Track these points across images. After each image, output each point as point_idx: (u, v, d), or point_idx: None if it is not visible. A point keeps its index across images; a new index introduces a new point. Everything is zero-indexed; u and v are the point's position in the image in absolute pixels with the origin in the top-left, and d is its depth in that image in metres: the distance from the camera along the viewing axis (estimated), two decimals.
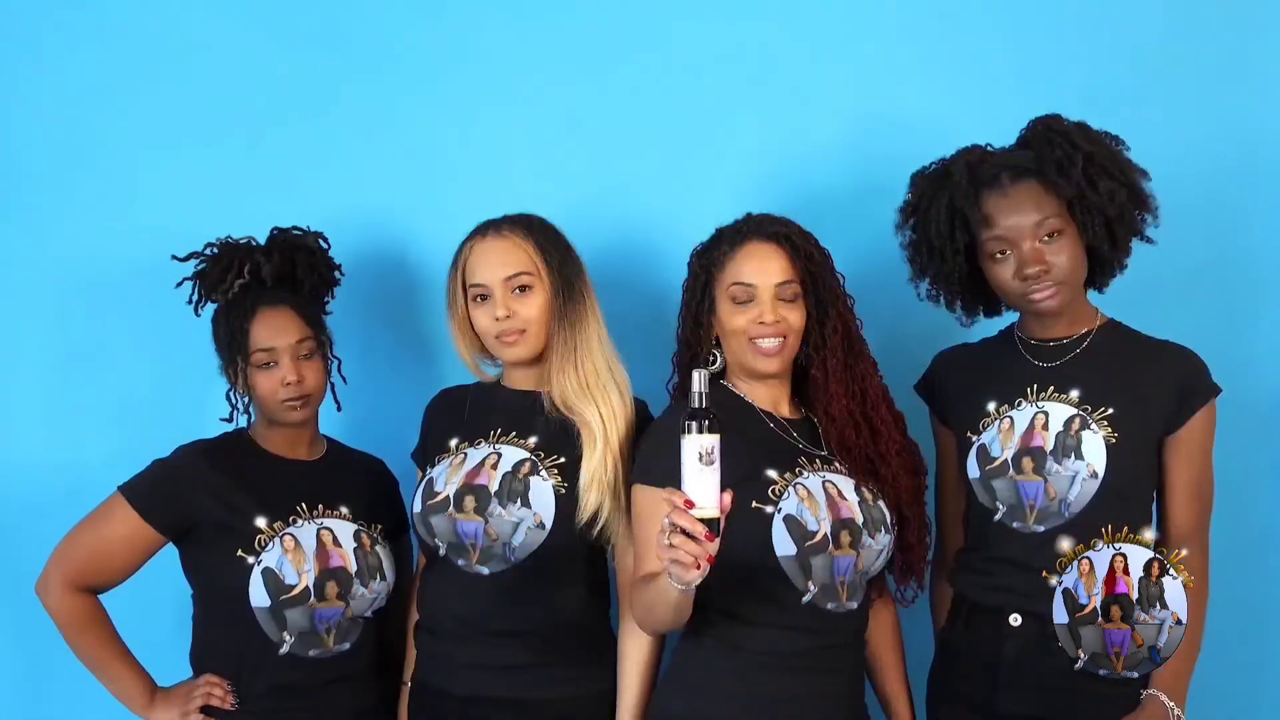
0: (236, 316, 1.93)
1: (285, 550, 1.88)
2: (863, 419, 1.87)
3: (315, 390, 1.95)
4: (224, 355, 1.96)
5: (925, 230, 1.91)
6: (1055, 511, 1.82)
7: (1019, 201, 1.82)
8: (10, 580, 2.25)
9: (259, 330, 1.91)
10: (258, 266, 1.96)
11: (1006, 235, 1.82)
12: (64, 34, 2.34)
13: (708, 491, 1.52)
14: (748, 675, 1.76)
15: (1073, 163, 1.80)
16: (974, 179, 1.85)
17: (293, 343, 1.92)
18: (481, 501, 1.85)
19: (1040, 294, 1.82)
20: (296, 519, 1.91)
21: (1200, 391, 1.83)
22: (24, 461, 2.33)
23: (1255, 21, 2.27)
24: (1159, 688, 1.78)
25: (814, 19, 2.31)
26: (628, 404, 1.92)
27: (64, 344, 2.33)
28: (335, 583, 1.89)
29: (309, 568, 1.88)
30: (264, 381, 1.92)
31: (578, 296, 1.91)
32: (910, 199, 1.95)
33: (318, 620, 1.88)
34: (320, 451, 2.04)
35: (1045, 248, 1.81)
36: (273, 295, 1.95)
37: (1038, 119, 1.88)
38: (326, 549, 1.91)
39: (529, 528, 1.85)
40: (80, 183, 2.34)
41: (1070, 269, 1.82)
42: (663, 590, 1.60)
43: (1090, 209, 1.82)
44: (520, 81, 2.33)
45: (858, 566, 1.79)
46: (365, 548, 1.95)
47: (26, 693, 2.34)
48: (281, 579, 1.86)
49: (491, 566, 1.86)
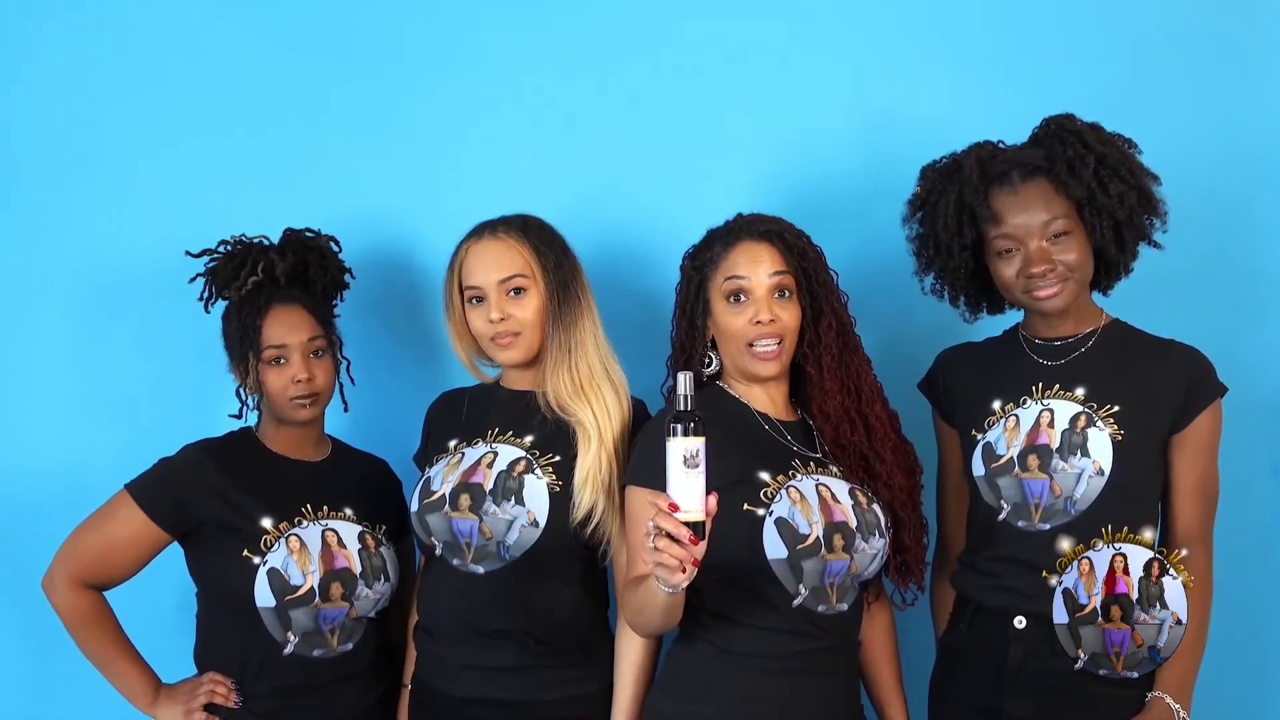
0: (249, 313, 1.94)
1: (291, 551, 1.89)
2: (858, 415, 1.87)
3: (324, 389, 1.97)
4: (234, 352, 1.97)
5: (933, 224, 1.90)
6: (1061, 510, 1.81)
7: (1028, 200, 1.81)
8: (15, 579, 2.26)
9: (271, 327, 1.92)
10: (272, 265, 1.97)
11: (1014, 233, 1.81)
12: (67, 34, 2.35)
13: (692, 495, 1.51)
14: (740, 678, 1.76)
15: (1085, 164, 1.79)
16: (984, 175, 1.84)
17: (304, 340, 1.93)
18: (476, 499, 1.86)
19: (1044, 291, 1.81)
20: (302, 520, 1.93)
21: (1207, 390, 1.81)
22: (29, 460, 2.35)
23: (1255, 21, 2.25)
24: (1164, 690, 1.77)
25: (814, 19, 2.31)
26: (624, 404, 1.92)
27: (68, 343, 2.35)
28: (340, 584, 1.91)
29: (314, 569, 1.89)
30: (274, 379, 1.93)
31: (573, 298, 1.91)
32: (919, 192, 1.94)
33: (322, 620, 1.90)
34: (325, 452, 2.05)
35: (1052, 247, 1.80)
36: (286, 294, 1.96)
37: (1050, 118, 1.86)
38: (331, 550, 1.92)
39: (523, 525, 1.85)
40: (83, 183, 2.35)
41: (1076, 269, 1.81)
42: (651, 593, 1.60)
43: (1100, 211, 1.80)
44: (521, 81, 2.33)
45: (851, 571, 1.78)
46: (370, 549, 1.96)
47: (30, 691, 2.35)
48: (287, 580, 1.88)
49: (486, 565, 1.87)
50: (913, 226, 1.96)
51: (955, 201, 1.86)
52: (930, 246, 1.93)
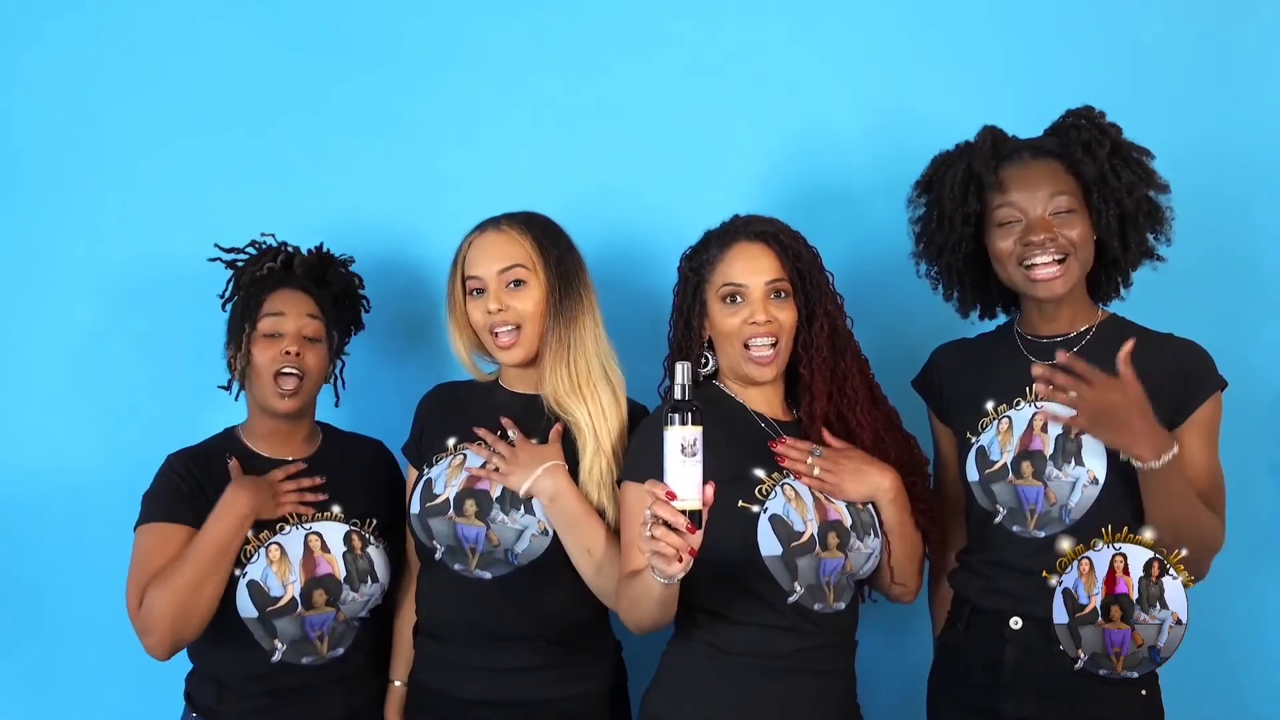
0: (255, 290, 1.96)
1: (270, 561, 1.87)
2: (837, 420, 1.87)
3: (311, 373, 1.95)
4: (232, 329, 1.97)
5: (939, 195, 1.89)
6: (1056, 518, 1.79)
7: (1037, 174, 1.81)
8: (14, 579, 2.26)
9: (272, 302, 1.94)
10: (291, 258, 2.00)
11: (1018, 203, 1.81)
12: (66, 33, 2.37)
13: (690, 483, 1.52)
14: (735, 676, 1.75)
15: (1100, 145, 1.79)
16: (996, 150, 1.85)
17: (302, 317, 1.94)
18: (483, 506, 1.85)
19: (1042, 272, 1.79)
20: (284, 525, 1.91)
21: (1206, 383, 1.79)
22: (27, 460, 2.35)
23: (1255, 22, 2.26)
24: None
25: (813, 19, 2.32)
26: (620, 404, 1.91)
27: (64, 345, 2.35)
28: (323, 590, 1.89)
29: (294, 578, 1.87)
30: (263, 352, 1.92)
31: (574, 294, 1.90)
32: (928, 172, 1.94)
33: (308, 627, 1.88)
34: (314, 446, 2.03)
35: (1055, 220, 1.79)
36: (296, 280, 1.99)
37: (1072, 110, 1.86)
38: (314, 556, 1.90)
39: (533, 534, 1.84)
40: (80, 184, 2.36)
41: (1077, 247, 1.79)
42: (647, 585, 1.61)
43: (1108, 196, 1.80)
44: (521, 81, 2.34)
45: (846, 569, 1.78)
46: (355, 551, 1.94)
47: (27, 692, 2.34)
48: (266, 591, 1.86)
49: (494, 571, 1.86)
50: (918, 207, 1.96)
51: (964, 171, 1.86)
52: (933, 221, 1.91)
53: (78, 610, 2.32)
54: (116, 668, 2.29)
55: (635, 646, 1.95)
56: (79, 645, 2.33)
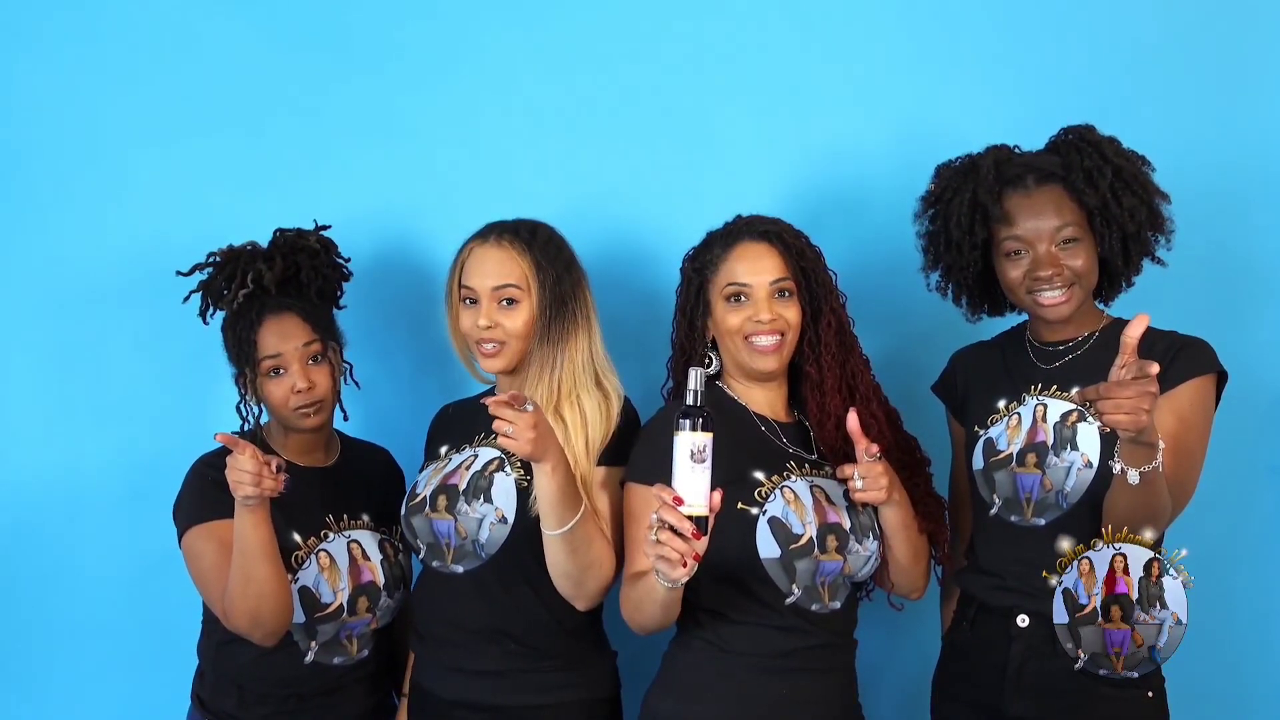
0: (243, 326, 1.92)
1: (321, 568, 1.90)
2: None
3: (326, 395, 1.94)
4: (233, 363, 1.96)
5: (945, 222, 1.91)
6: (1053, 503, 1.81)
7: (1041, 204, 1.83)
8: (15, 580, 2.25)
9: (265, 338, 1.91)
10: (260, 274, 1.94)
11: (1025, 235, 1.83)
12: (64, 32, 2.36)
13: (697, 489, 1.53)
14: (736, 676, 1.76)
15: (1102, 174, 1.81)
16: (999, 176, 1.86)
17: (299, 346, 1.91)
18: (451, 499, 1.87)
19: (1049, 299, 1.82)
20: (327, 532, 1.92)
21: (1199, 362, 1.78)
22: (23, 463, 2.34)
23: (1255, 22, 2.26)
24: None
25: (814, 19, 2.31)
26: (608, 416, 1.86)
27: (62, 346, 2.35)
28: (366, 597, 1.93)
29: (344, 585, 1.90)
30: (274, 390, 1.91)
31: (567, 314, 1.88)
32: (933, 189, 1.95)
33: (343, 631, 1.91)
34: (335, 454, 2.04)
35: (1060, 252, 1.82)
36: (278, 302, 1.94)
37: (1070, 128, 1.88)
38: (358, 564, 1.93)
39: (492, 523, 1.85)
40: (78, 184, 2.36)
41: (1082, 275, 1.82)
42: (650, 588, 1.61)
43: (1111, 222, 1.82)
44: (521, 81, 2.34)
45: (845, 572, 1.79)
46: (390, 559, 1.98)
47: (27, 692, 2.34)
48: (318, 597, 1.88)
49: (465, 565, 1.87)
50: (924, 223, 1.97)
51: (969, 200, 1.87)
52: (941, 243, 1.94)
53: (78, 610, 2.32)
54: (117, 668, 2.30)
55: (634, 648, 1.95)
56: (79, 645, 2.33)
